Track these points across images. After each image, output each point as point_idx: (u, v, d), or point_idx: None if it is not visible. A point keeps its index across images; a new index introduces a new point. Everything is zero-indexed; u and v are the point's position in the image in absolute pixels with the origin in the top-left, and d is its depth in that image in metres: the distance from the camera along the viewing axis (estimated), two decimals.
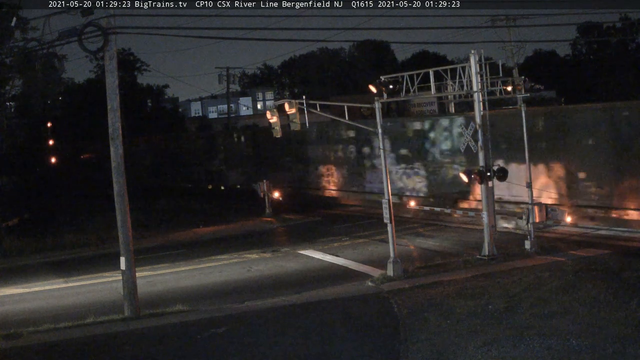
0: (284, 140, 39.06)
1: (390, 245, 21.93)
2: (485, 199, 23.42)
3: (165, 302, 20.08)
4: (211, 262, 26.84)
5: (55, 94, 37.14)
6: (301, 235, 31.37)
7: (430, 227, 30.60)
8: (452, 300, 18.14)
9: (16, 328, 18.19)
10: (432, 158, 35.00)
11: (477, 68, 23.09)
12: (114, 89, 19.13)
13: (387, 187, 22.20)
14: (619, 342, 13.86)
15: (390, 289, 20.25)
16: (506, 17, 42.27)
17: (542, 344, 14.19)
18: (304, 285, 21.83)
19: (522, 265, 21.73)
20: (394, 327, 16.60)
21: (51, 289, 24.39)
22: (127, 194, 19.38)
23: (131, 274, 19.31)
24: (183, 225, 36.28)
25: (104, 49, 18.66)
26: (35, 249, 31.49)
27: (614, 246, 23.62)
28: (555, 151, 28.72)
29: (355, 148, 40.50)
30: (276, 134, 25.46)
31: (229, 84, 66.41)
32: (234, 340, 16.59)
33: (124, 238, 19.30)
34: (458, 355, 14.21)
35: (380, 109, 22.50)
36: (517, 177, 26.53)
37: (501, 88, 24.45)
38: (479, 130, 23.29)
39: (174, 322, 18.34)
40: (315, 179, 43.91)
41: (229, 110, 71.52)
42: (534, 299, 17.52)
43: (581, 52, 77.25)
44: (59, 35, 19.06)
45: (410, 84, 24.35)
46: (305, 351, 15.36)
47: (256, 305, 19.69)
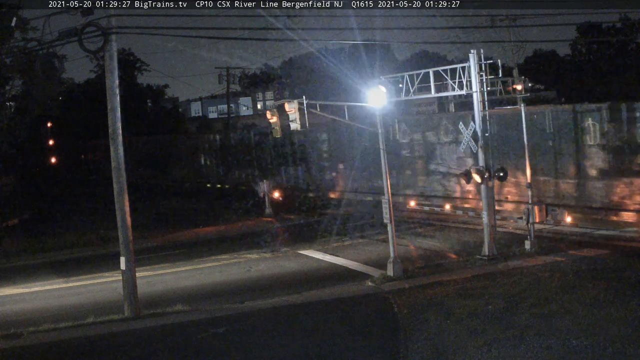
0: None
1: (390, 245, 21.93)
2: (485, 199, 23.41)
3: (165, 302, 20.08)
4: (211, 262, 26.85)
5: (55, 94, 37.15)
6: (301, 235, 31.38)
7: (430, 227, 30.60)
8: (452, 300, 18.14)
9: (16, 328, 18.18)
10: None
11: (477, 68, 23.09)
12: (114, 89, 19.13)
13: (387, 187, 22.19)
14: (619, 342, 13.87)
15: (390, 289, 20.25)
16: (506, 17, 42.23)
17: (542, 344, 14.20)
18: (304, 285, 21.82)
19: (522, 265, 21.73)
20: (394, 327, 16.60)
21: (51, 289, 24.38)
22: (127, 194, 19.38)
23: (131, 274, 19.31)
24: (183, 225, 36.28)
25: (104, 49, 18.67)
26: (35, 249, 31.51)
27: (614, 246, 23.62)
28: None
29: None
30: (276, 134, 25.42)
31: (229, 84, 66.38)
32: (234, 340, 16.59)
33: (124, 238, 19.30)
34: (458, 355, 14.22)
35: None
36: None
37: (501, 88, 24.45)
38: (478, 130, 23.29)
39: (174, 322, 18.34)
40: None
41: (229, 110, 71.47)
42: (534, 299, 17.52)
43: (581, 52, 77.21)
44: (59, 35, 19.05)
45: (410, 84, 24.35)
46: (305, 351, 15.36)
47: (256, 305, 19.68)
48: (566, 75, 68.96)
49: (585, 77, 66.39)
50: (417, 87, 24.58)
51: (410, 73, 24.58)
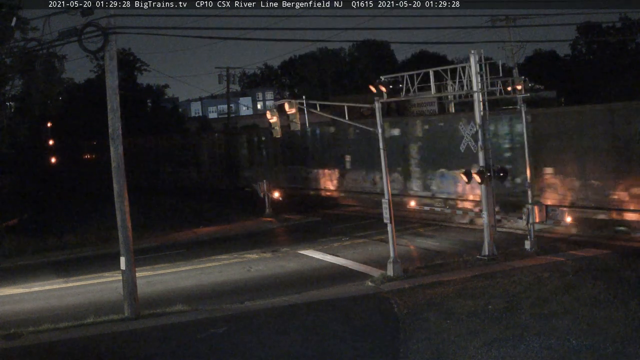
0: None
1: (390, 245, 21.93)
2: (485, 199, 23.42)
3: (165, 302, 20.08)
4: (211, 262, 26.84)
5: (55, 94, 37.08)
6: (301, 235, 31.38)
7: (430, 227, 30.60)
8: (452, 300, 18.14)
9: (16, 328, 18.18)
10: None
11: (477, 68, 23.09)
12: (114, 89, 19.13)
13: (387, 187, 22.19)
14: (619, 342, 13.86)
15: (390, 289, 20.25)
16: (506, 17, 42.22)
17: (542, 344, 14.19)
18: (304, 285, 21.83)
19: (522, 265, 21.73)
20: (394, 327, 16.60)
21: (51, 289, 24.38)
22: (127, 194, 19.38)
23: (131, 274, 19.31)
24: (183, 225, 36.27)
25: (104, 49, 18.66)
26: (35, 249, 31.46)
27: (614, 246, 23.62)
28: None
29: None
30: (276, 134, 25.46)
31: (229, 84, 66.41)
32: (234, 340, 16.59)
33: (124, 238, 19.30)
34: (458, 355, 14.21)
35: (380, 109, 22.51)
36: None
37: (501, 88, 24.45)
38: (479, 130, 23.30)
39: (173, 322, 18.33)
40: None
41: (229, 110, 71.51)
42: (534, 299, 17.52)
43: (581, 52, 77.21)
44: (59, 35, 19.05)
45: (410, 84, 24.34)
46: (305, 351, 15.36)
47: (256, 305, 19.68)
48: (566, 75, 68.94)
49: (585, 77, 66.38)
50: (417, 87, 24.59)
51: (410, 73, 24.57)
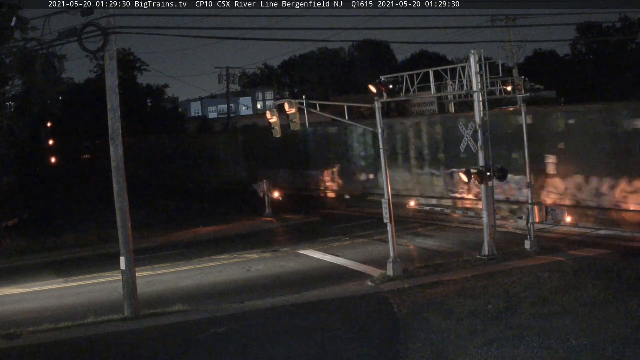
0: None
1: (390, 245, 21.93)
2: (485, 199, 23.41)
3: (166, 302, 20.09)
4: (211, 262, 26.85)
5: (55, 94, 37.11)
6: (301, 235, 31.38)
7: (430, 227, 30.60)
8: (452, 300, 18.14)
9: (16, 328, 18.19)
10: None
11: (477, 68, 23.07)
12: (114, 89, 19.13)
13: (387, 187, 22.19)
14: (619, 342, 13.85)
15: (390, 289, 20.24)
16: (506, 17, 42.28)
17: (542, 344, 14.19)
18: (304, 285, 21.83)
19: (522, 265, 21.72)
20: (394, 327, 16.60)
21: (51, 289, 24.39)
22: (127, 194, 19.38)
23: (131, 274, 19.31)
24: (183, 225, 36.26)
25: (104, 49, 18.67)
26: (35, 249, 31.47)
27: (614, 246, 23.62)
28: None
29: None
30: (276, 134, 25.48)
31: (229, 84, 66.45)
32: (234, 340, 16.59)
33: (124, 238, 19.30)
34: (458, 355, 14.21)
35: (380, 109, 22.52)
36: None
37: (501, 88, 24.46)
38: (479, 130, 23.29)
39: (174, 322, 18.33)
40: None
41: (229, 110, 71.56)
42: (534, 299, 17.51)
43: (581, 52, 77.26)
44: (59, 35, 19.07)
45: (410, 84, 24.34)
46: (305, 351, 15.36)
47: (256, 305, 19.68)
48: (566, 75, 68.99)
49: (585, 77, 66.43)
50: (417, 87, 24.59)
51: (410, 73, 24.57)
